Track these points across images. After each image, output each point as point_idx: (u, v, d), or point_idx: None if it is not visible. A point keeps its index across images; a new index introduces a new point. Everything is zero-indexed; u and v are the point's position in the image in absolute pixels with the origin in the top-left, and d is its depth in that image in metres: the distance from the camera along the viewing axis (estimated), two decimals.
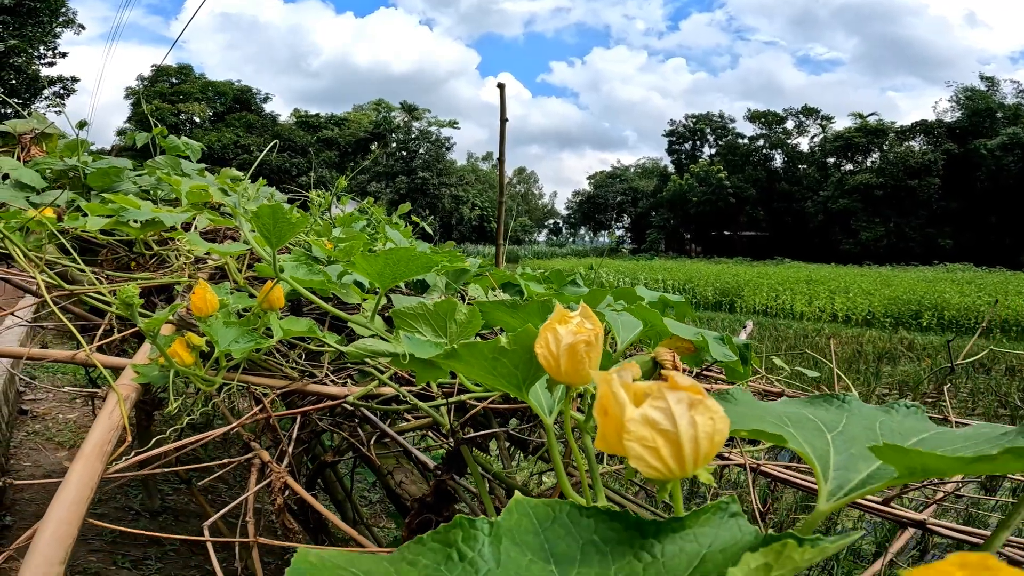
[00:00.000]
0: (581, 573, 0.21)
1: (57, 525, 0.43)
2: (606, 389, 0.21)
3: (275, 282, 0.65)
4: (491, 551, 0.22)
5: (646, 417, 0.20)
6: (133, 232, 1.07)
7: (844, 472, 0.29)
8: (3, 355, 0.77)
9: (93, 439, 0.50)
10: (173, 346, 0.58)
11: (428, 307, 0.50)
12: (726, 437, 0.21)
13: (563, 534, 0.23)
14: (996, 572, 0.13)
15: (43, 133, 1.98)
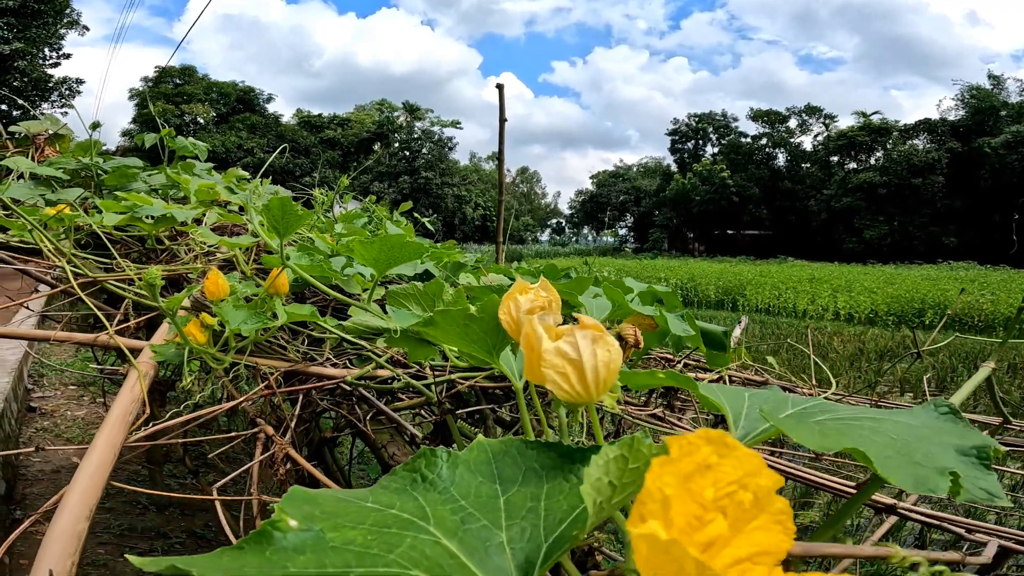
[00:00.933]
0: (520, 490, 0.26)
1: (84, 486, 0.49)
2: (528, 328, 0.27)
3: (281, 269, 0.71)
4: (448, 473, 0.28)
5: (558, 349, 0.26)
6: (146, 227, 1.13)
7: (751, 423, 0.35)
8: (30, 338, 0.82)
9: (116, 410, 0.56)
10: (188, 327, 0.64)
11: (419, 288, 0.56)
12: (619, 363, 0.26)
13: (510, 463, 0.29)
14: (733, 449, 0.18)
15: (56, 134, 2.04)
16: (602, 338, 0.25)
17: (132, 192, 1.62)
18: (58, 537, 0.43)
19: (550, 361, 0.25)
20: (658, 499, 0.16)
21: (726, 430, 0.54)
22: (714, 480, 0.18)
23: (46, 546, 0.42)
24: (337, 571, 0.19)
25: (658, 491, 0.16)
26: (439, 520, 0.24)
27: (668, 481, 0.17)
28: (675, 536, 0.15)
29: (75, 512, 0.44)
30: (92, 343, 0.74)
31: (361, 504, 0.25)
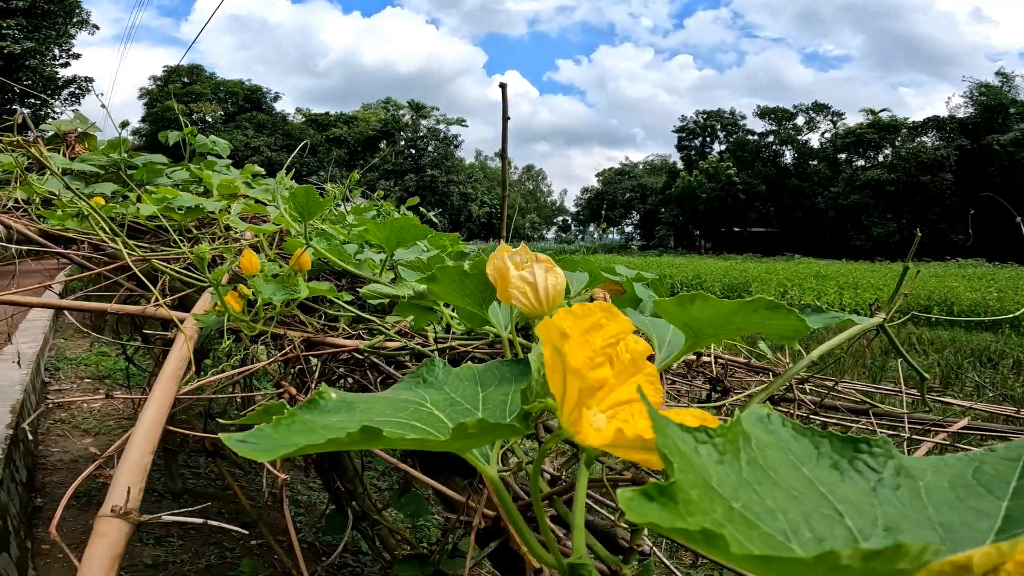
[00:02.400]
0: (495, 390, 0.36)
1: (146, 428, 0.59)
2: (500, 262, 0.37)
3: (305, 248, 0.81)
4: (443, 377, 0.38)
5: (520, 275, 0.36)
6: (177, 217, 1.24)
7: (671, 348, 0.44)
8: (86, 309, 0.93)
9: (168, 367, 0.66)
10: (226, 297, 0.74)
11: (422, 260, 0.66)
12: (564, 287, 0.36)
13: (490, 374, 0.39)
14: (616, 315, 0.27)
15: (85, 133, 2.16)
16: (552, 269, 0.34)
17: (160, 186, 1.73)
18: (130, 466, 0.53)
19: (514, 283, 0.35)
20: (559, 332, 0.25)
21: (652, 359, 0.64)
22: (602, 334, 0.27)
23: (120, 474, 0.53)
24: (362, 420, 0.29)
25: (561, 328, 0.25)
26: (434, 402, 0.34)
27: (569, 325, 0.26)
28: (574, 358, 0.25)
29: (141, 447, 0.54)
30: (142, 314, 0.85)
31: (380, 395, 0.35)
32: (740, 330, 0.45)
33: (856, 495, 0.20)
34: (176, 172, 2.08)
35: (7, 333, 6.43)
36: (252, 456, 0.26)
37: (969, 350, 12.53)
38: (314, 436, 0.25)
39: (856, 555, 0.13)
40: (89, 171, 1.84)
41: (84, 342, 7.79)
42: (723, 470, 0.19)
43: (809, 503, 0.19)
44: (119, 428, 4.62)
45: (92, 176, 1.85)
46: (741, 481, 0.19)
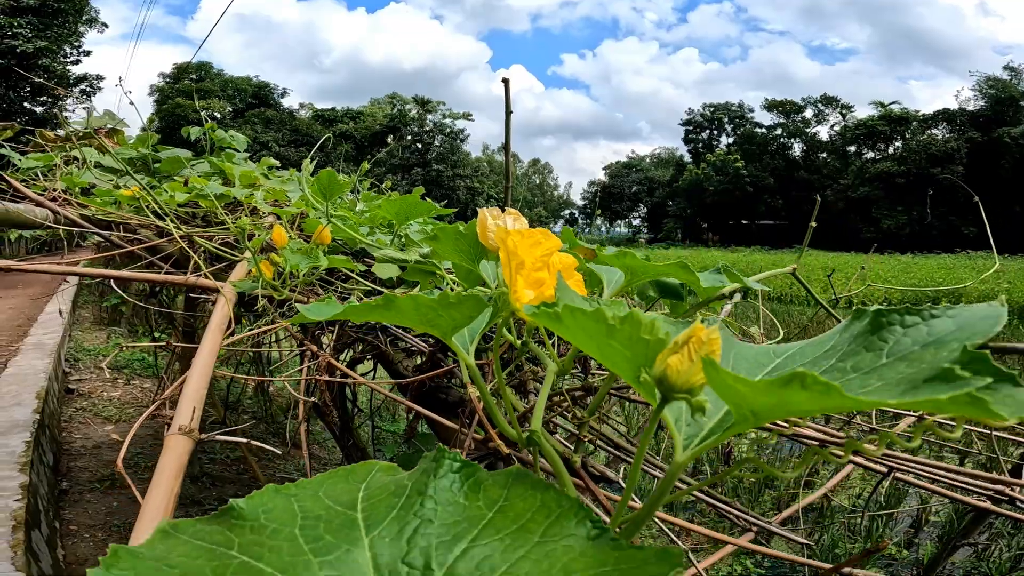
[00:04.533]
0: None
1: (201, 366, 0.71)
2: (482, 216, 0.48)
3: (326, 224, 0.93)
4: None
5: (496, 224, 0.47)
6: (206, 204, 1.36)
7: (613, 285, 0.57)
8: (137, 279, 1.05)
9: (214, 322, 0.78)
10: (261, 264, 0.86)
11: (428, 231, 0.78)
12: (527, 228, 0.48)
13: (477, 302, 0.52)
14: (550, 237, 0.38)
15: (114, 128, 2.30)
16: (519, 218, 0.46)
17: (192, 176, 1.87)
18: (191, 394, 0.65)
19: (491, 229, 0.47)
20: (511, 247, 0.37)
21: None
22: (541, 248, 0.38)
23: (184, 400, 0.65)
24: (375, 302, 0.41)
25: (514, 244, 0.37)
26: None
27: (518, 241, 0.38)
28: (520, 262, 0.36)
29: (198, 381, 0.67)
30: (185, 283, 0.97)
31: None
32: (660, 273, 0.57)
33: None
34: (198, 165, 2.21)
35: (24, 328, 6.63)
36: (314, 317, 0.38)
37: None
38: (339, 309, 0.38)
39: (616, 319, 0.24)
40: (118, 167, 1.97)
41: (101, 334, 8.00)
42: (609, 307, 0.31)
43: None
44: (139, 415, 4.79)
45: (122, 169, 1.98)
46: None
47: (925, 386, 0.19)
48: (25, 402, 3.40)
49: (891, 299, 17.59)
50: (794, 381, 0.19)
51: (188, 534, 0.27)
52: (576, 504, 0.24)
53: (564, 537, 0.24)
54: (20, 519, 1.80)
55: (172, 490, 0.51)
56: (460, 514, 0.26)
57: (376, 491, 0.28)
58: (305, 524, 0.26)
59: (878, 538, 4.04)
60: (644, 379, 0.25)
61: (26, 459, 2.38)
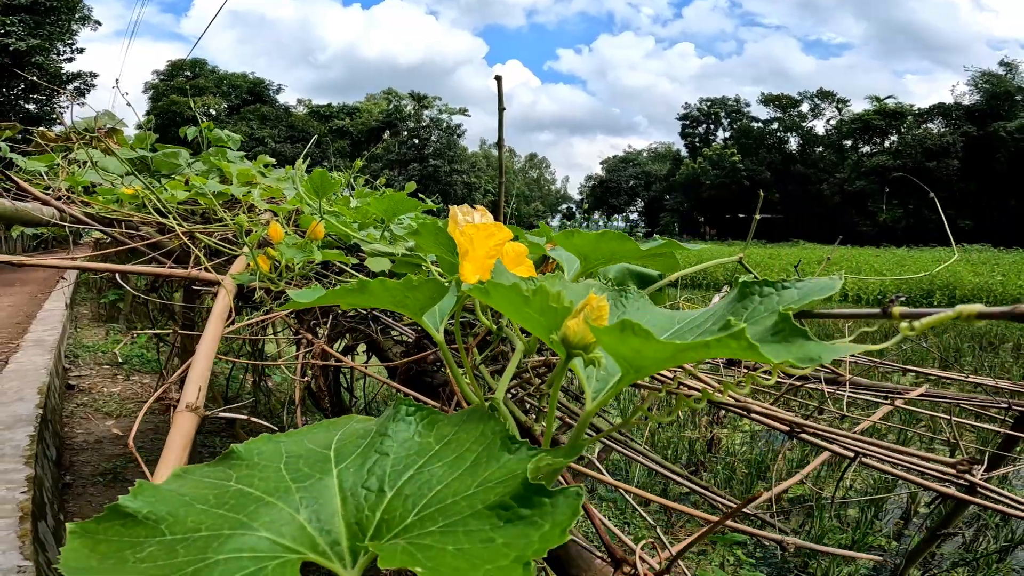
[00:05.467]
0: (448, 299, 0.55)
1: (205, 350, 0.77)
2: (452, 212, 0.55)
3: (319, 220, 0.99)
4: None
5: (465, 220, 0.54)
6: (205, 201, 1.42)
7: (572, 271, 0.63)
8: (143, 272, 1.11)
9: (216, 310, 0.84)
10: (258, 258, 0.92)
11: (413, 226, 0.84)
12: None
13: None
14: (502, 228, 0.44)
15: (113, 128, 2.35)
16: (486, 214, 0.52)
17: (187, 174, 1.92)
18: (197, 375, 0.71)
19: (459, 222, 0.53)
20: (468, 236, 0.43)
21: None
22: (494, 239, 0.45)
23: (190, 381, 0.71)
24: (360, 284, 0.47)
25: (469, 235, 0.43)
26: None
27: (472, 233, 0.44)
28: (475, 260, 0.43)
29: (203, 363, 0.73)
30: (187, 276, 1.03)
31: None
32: (612, 254, 0.63)
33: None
34: (195, 163, 2.27)
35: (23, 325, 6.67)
36: (302, 301, 0.44)
37: (969, 333, 12.55)
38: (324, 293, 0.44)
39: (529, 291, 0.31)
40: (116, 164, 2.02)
41: (100, 331, 8.05)
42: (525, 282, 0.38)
43: None
44: (139, 410, 4.85)
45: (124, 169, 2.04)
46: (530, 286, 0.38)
47: (720, 332, 0.26)
48: (27, 397, 3.46)
49: (886, 292, 17.70)
50: (626, 329, 0.25)
51: (197, 474, 0.34)
52: (504, 430, 0.31)
53: (492, 457, 0.30)
54: (27, 510, 1.86)
55: (181, 461, 0.57)
56: (413, 449, 0.32)
57: (348, 435, 0.35)
58: (288, 461, 0.33)
59: (866, 529, 4.13)
60: (553, 339, 0.31)
61: (31, 453, 2.44)
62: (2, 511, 1.87)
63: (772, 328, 0.28)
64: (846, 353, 0.26)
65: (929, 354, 10.61)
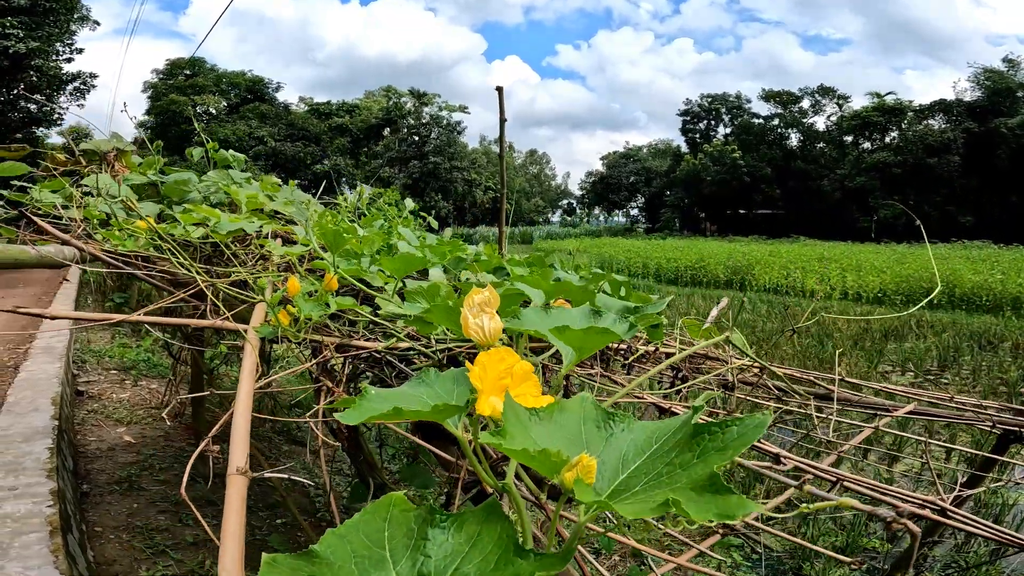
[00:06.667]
0: (463, 388, 0.62)
1: (242, 411, 0.85)
2: (464, 314, 0.62)
3: (333, 275, 1.06)
4: (435, 379, 0.62)
5: (475, 322, 0.61)
6: (219, 237, 1.49)
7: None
8: (170, 324, 1.19)
9: (245, 369, 0.92)
10: (279, 316, 0.99)
11: (423, 287, 0.91)
12: (500, 328, 0.60)
13: (462, 377, 0.64)
14: (512, 354, 0.52)
15: (121, 150, 2.41)
16: (493, 317, 0.59)
17: (195, 204, 1.99)
18: (239, 439, 0.79)
19: (472, 327, 0.60)
20: (482, 364, 0.50)
21: None
22: (504, 364, 0.52)
23: (235, 445, 0.79)
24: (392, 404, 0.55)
25: (483, 363, 0.51)
26: (429, 396, 0.60)
27: (485, 361, 0.51)
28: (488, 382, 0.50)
29: (242, 426, 0.80)
30: (212, 326, 1.10)
31: (397, 390, 0.62)
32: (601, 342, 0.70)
33: (598, 438, 0.46)
34: (203, 182, 2.33)
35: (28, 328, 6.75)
36: (350, 421, 0.52)
37: (968, 333, 12.57)
38: (370, 413, 0.51)
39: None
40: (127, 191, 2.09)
41: (106, 334, 8.13)
42: (540, 426, 0.46)
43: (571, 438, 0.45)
44: (149, 417, 4.92)
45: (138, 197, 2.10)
46: (546, 429, 0.45)
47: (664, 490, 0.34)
48: (42, 408, 3.53)
49: (886, 290, 17.71)
50: (598, 495, 0.33)
51: (285, 566, 0.42)
52: (514, 534, 0.40)
53: (508, 561, 0.40)
54: (56, 524, 1.93)
55: (241, 520, 0.65)
56: (449, 550, 0.42)
57: (395, 530, 0.43)
58: (356, 561, 0.42)
59: (860, 531, 4.21)
60: (553, 480, 0.40)
61: (52, 465, 2.51)
62: (31, 525, 1.95)
63: (708, 480, 0.36)
64: (763, 510, 0.35)
65: (928, 353, 10.66)
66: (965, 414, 2.09)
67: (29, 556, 1.77)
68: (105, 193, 1.98)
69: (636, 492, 0.42)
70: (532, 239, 54.48)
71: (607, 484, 0.43)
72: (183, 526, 3.22)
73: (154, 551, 2.81)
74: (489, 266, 1.86)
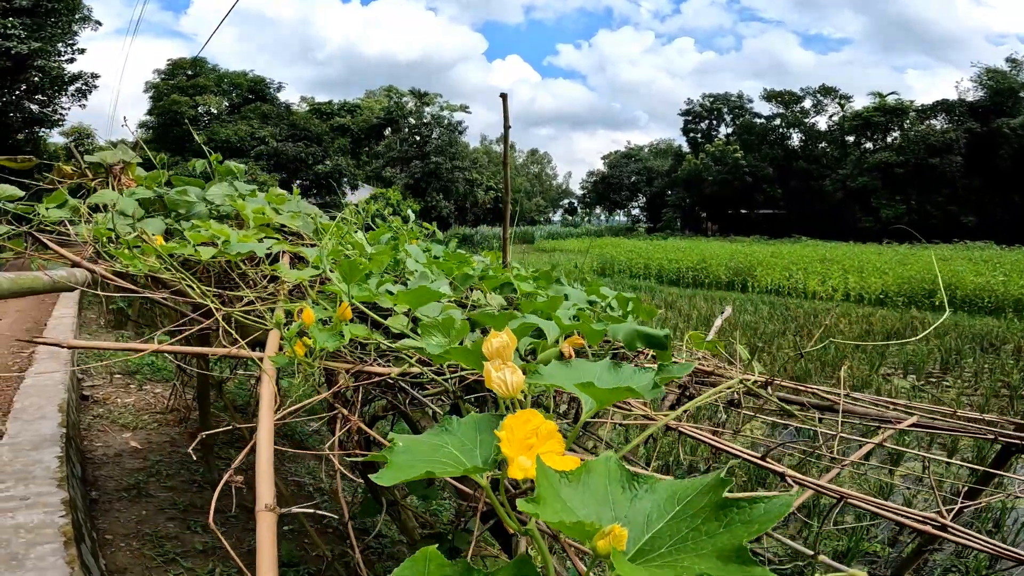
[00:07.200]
0: (485, 435, 0.63)
1: (264, 447, 0.86)
2: (486, 368, 0.63)
3: (347, 304, 1.08)
4: (457, 427, 0.65)
5: (499, 376, 0.62)
6: (229, 256, 1.51)
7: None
8: (190, 353, 1.20)
9: (265, 401, 0.93)
10: (295, 346, 1.01)
11: (438, 321, 0.93)
12: (522, 381, 0.62)
13: (483, 423, 0.66)
14: (536, 415, 0.53)
15: (127, 163, 2.42)
16: (516, 371, 0.61)
17: (202, 219, 2.00)
18: (265, 476, 0.81)
19: (495, 380, 0.62)
20: (509, 427, 0.52)
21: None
22: (531, 425, 0.54)
23: (260, 482, 0.80)
24: (423, 467, 0.56)
25: (510, 425, 0.52)
26: (453, 445, 0.61)
27: (512, 424, 0.53)
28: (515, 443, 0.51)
29: (266, 462, 0.82)
30: (228, 354, 1.12)
31: (422, 439, 0.62)
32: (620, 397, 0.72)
33: (623, 499, 0.48)
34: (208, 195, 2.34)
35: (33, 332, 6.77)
36: (385, 483, 0.53)
37: (971, 335, 12.54)
38: (404, 475, 0.53)
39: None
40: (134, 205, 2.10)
41: (109, 337, 8.16)
42: (569, 488, 0.47)
43: (599, 500, 0.47)
44: (154, 423, 4.94)
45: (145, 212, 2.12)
46: (575, 492, 0.47)
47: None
48: (49, 415, 3.56)
49: (888, 291, 17.68)
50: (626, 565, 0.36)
51: None
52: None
53: None
54: (69, 535, 1.95)
55: (273, 554, 0.67)
56: None
57: None
58: None
59: (862, 535, 4.22)
60: (587, 546, 0.41)
61: (62, 475, 2.53)
62: (45, 536, 1.97)
63: (735, 552, 0.38)
64: None
65: (930, 355, 10.64)
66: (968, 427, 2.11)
67: (45, 568, 1.79)
68: (113, 210, 1.99)
69: (662, 554, 0.44)
70: (533, 239, 54.44)
71: (633, 545, 0.45)
72: (192, 533, 3.24)
73: (165, 559, 2.82)
74: (496, 283, 1.87)
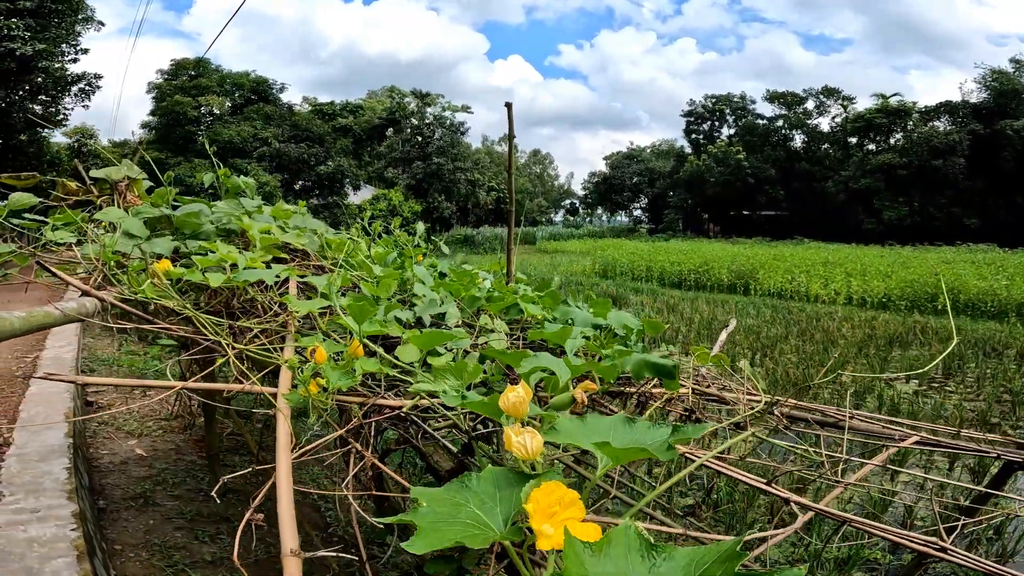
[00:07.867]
0: (505, 491, 0.64)
1: (284, 489, 0.88)
2: (506, 433, 0.65)
3: (359, 343, 1.09)
4: (477, 484, 0.66)
5: (518, 440, 0.64)
6: (239, 283, 1.52)
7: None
8: (207, 389, 1.22)
9: (281, 442, 0.95)
10: (309, 386, 1.03)
11: (452, 365, 0.94)
12: (541, 444, 0.63)
13: (502, 479, 0.67)
14: (560, 487, 0.55)
15: (132, 179, 2.43)
16: (535, 436, 0.62)
17: (209, 241, 2.02)
18: (287, 520, 0.82)
19: (514, 443, 0.63)
20: (534, 499, 0.53)
21: None
22: (555, 495, 0.55)
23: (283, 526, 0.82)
24: (438, 519, 0.58)
25: (535, 498, 0.54)
26: (474, 503, 0.62)
27: (537, 496, 0.55)
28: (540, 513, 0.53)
29: (287, 505, 0.83)
30: (243, 390, 1.13)
31: (441, 494, 0.64)
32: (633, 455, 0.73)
33: (642, 568, 0.50)
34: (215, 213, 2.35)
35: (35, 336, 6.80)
36: (418, 551, 0.55)
37: (973, 340, 12.51)
38: (435, 544, 0.55)
39: None
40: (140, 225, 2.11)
41: (113, 343, 8.18)
42: (593, 559, 0.49)
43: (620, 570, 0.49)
44: (159, 429, 4.96)
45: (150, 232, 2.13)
46: (599, 562, 0.49)
47: None
48: (55, 424, 3.58)
49: (890, 295, 17.63)
50: None
51: None
52: None
53: None
54: (82, 549, 1.96)
55: None
56: None
57: None
58: None
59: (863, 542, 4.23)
60: None
61: (71, 486, 2.55)
62: (58, 550, 1.98)
63: None
64: None
65: (933, 360, 10.61)
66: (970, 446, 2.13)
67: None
68: (119, 231, 2.00)
69: None
70: (535, 240, 54.46)
71: None
72: (200, 543, 3.25)
73: (174, 570, 2.84)
74: (502, 306, 1.88)
